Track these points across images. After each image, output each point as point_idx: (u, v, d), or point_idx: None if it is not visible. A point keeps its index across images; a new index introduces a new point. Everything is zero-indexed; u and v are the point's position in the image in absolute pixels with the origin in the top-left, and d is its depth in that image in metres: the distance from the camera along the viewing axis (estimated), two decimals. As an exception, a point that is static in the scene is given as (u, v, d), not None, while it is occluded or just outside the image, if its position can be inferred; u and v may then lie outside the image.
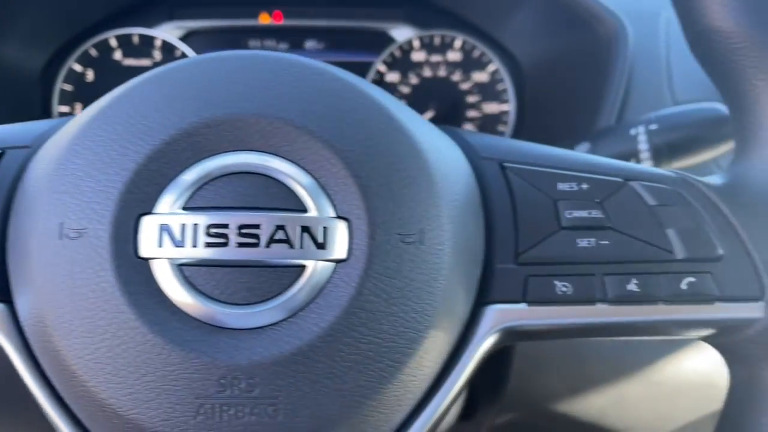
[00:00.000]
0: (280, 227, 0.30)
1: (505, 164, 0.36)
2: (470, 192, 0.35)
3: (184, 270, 0.30)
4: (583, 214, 0.35)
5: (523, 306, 0.34)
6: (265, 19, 0.82)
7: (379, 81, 0.81)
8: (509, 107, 0.82)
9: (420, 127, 0.34)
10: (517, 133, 0.82)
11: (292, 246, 0.30)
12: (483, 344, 0.34)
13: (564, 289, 0.34)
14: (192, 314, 0.29)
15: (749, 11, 0.34)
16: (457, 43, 0.81)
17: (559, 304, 0.34)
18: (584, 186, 0.36)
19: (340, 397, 0.30)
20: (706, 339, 0.37)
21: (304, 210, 0.30)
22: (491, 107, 0.83)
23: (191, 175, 0.30)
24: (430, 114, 0.81)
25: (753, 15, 0.34)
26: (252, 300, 0.30)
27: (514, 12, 0.75)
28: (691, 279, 0.34)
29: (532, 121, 0.80)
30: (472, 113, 0.83)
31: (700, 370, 0.61)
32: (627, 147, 0.51)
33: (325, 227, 0.30)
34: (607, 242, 0.35)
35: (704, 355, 0.61)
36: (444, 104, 0.82)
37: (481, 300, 0.34)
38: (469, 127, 0.83)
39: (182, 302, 0.29)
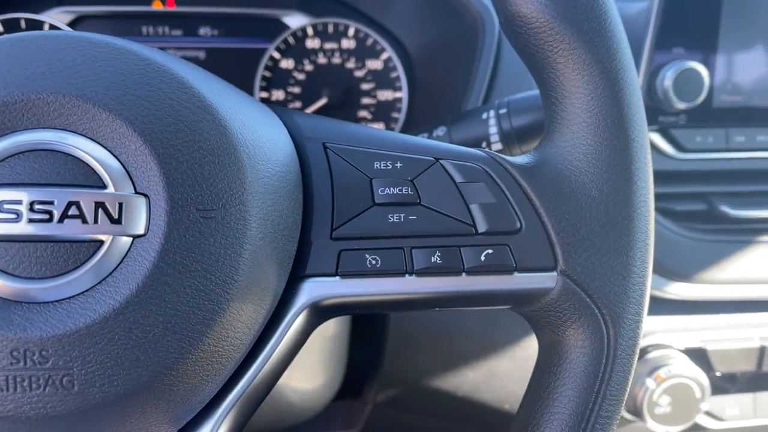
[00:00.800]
0: (74, 203, 0.30)
1: (328, 144, 0.38)
2: (288, 170, 0.36)
3: None
4: (395, 191, 0.37)
5: (336, 279, 0.36)
6: (157, 6, 0.82)
7: (273, 67, 0.82)
8: (403, 94, 0.84)
9: (232, 105, 0.35)
10: (410, 120, 0.84)
11: (85, 221, 0.30)
12: (299, 317, 0.36)
13: (373, 262, 0.36)
14: None
15: None
16: (351, 31, 0.82)
17: (369, 277, 0.36)
18: (398, 164, 0.37)
19: (137, 368, 0.31)
20: (514, 308, 0.39)
21: (104, 186, 0.31)
22: (385, 94, 0.84)
23: None
24: (323, 101, 0.82)
25: (549, 1, 0.36)
26: (47, 274, 0.30)
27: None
28: (489, 251, 0.36)
29: (423, 107, 0.82)
30: (366, 100, 0.84)
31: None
32: (479, 131, 0.53)
33: (121, 203, 0.31)
34: (415, 217, 0.36)
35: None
36: (338, 91, 0.83)
37: (296, 274, 0.36)
38: (364, 113, 0.84)
39: None
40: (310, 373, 0.61)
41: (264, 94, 0.83)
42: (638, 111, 0.37)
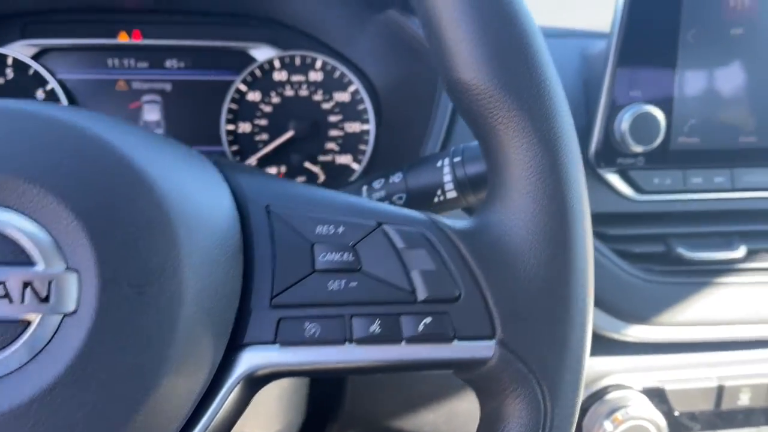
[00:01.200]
0: (0, 283, 0.30)
1: (271, 207, 0.38)
2: (228, 236, 0.36)
3: None
4: (336, 257, 0.36)
5: (275, 347, 0.35)
6: (123, 38, 0.81)
7: (240, 100, 0.82)
8: (370, 126, 0.84)
9: (170, 173, 0.35)
10: (377, 152, 0.84)
11: (12, 301, 0.30)
12: (237, 386, 0.35)
13: (312, 330, 0.36)
14: None
15: (487, 65, 0.37)
16: (318, 64, 0.83)
17: (308, 345, 0.36)
18: (340, 229, 0.37)
19: None
20: (456, 374, 0.39)
21: (32, 264, 0.31)
22: (353, 126, 0.84)
23: None
24: (290, 133, 0.82)
25: (489, 68, 0.37)
26: None
27: (359, 35, 0.76)
28: (429, 320, 0.36)
29: (390, 139, 0.82)
30: (334, 132, 0.84)
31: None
32: (434, 179, 0.53)
33: (50, 281, 0.31)
34: (355, 284, 0.36)
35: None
36: (305, 123, 0.83)
37: (235, 343, 0.36)
38: (331, 145, 0.84)
39: None
40: (268, 419, 0.61)
41: (230, 127, 0.83)
42: (577, 179, 0.37)
